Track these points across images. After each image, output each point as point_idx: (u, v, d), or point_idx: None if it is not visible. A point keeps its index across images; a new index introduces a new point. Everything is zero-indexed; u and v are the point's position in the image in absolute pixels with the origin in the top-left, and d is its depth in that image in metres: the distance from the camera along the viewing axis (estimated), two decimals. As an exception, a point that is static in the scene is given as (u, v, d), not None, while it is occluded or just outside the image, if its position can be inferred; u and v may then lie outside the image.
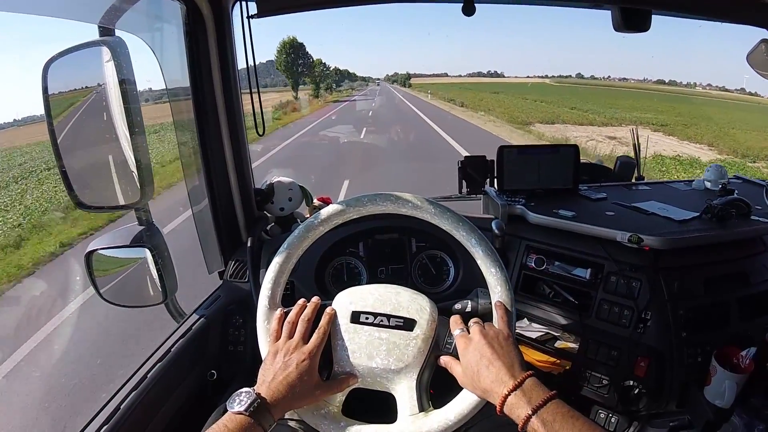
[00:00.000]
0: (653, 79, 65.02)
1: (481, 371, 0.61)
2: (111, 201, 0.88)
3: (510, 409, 0.57)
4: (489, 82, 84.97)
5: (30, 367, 2.81)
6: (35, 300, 3.99)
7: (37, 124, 15.31)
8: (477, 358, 0.62)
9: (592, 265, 0.97)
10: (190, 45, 0.98)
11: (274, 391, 0.63)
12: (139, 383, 0.85)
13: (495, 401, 0.58)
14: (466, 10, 0.96)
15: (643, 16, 1.02)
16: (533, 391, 0.57)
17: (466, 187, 1.21)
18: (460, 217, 0.70)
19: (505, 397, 0.57)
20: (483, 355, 0.62)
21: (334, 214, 0.73)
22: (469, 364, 0.62)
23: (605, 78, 78.91)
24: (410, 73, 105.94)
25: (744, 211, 1.00)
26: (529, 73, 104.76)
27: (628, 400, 0.92)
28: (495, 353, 0.61)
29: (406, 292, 0.71)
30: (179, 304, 1.04)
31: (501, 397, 0.57)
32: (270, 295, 0.72)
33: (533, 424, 0.54)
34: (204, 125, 1.03)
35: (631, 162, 1.36)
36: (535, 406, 0.55)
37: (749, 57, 1.12)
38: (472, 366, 0.62)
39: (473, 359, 0.62)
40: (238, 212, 1.14)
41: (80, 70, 0.85)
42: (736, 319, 0.94)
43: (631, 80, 68.61)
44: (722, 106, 26.85)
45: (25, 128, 17.11)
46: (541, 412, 0.54)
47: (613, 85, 59.57)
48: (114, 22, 0.87)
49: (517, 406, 0.56)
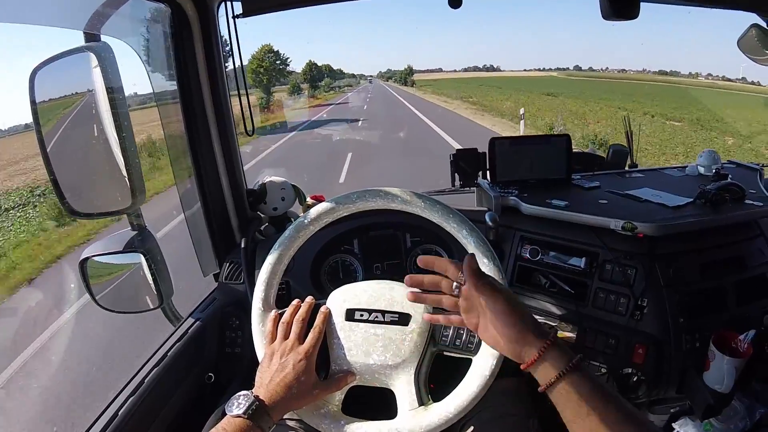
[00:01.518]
0: (653, 70, 61.21)
1: (517, 323, 0.57)
2: (103, 207, 0.88)
3: (537, 369, 0.55)
4: (487, 76, 75.98)
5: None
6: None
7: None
8: (500, 311, 0.58)
9: (587, 254, 0.97)
10: (176, 47, 0.98)
11: (272, 392, 0.63)
12: (137, 388, 0.85)
13: (523, 358, 0.56)
14: (452, 2, 0.95)
15: (632, 3, 1.02)
16: (561, 353, 0.55)
17: (458, 180, 1.20)
18: (450, 209, 0.70)
19: (537, 357, 0.55)
20: (515, 308, 0.58)
21: (324, 212, 0.73)
22: (493, 319, 0.58)
23: (604, 70, 74.78)
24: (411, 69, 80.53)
25: (738, 195, 0.99)
26: (526, 66, 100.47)
27: (627, 387, 0.92)
28: (523, 309, 0.59)
29: (399, 286, 0.71)
30: (175, 307, 1.04)
31: (533, 356, 0.55)
32: (263, 297, 0.72)
33: (560, 387, 0.53)
34: (193, 127, 1.03)
35: (623, 150, 1.36)
36: (561, 371, 0.53)
37: (740, 42, 1.12)
38: (494, 321, 0.58)
39: (496, 312, 0.58)
40: (231, 214, 1.14)
41: (67, 77, 0.85)
42: (734, 303, 0.94)
43: (630, 71, 63.11)
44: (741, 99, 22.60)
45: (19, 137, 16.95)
46: (569, 374, 0.53)
47: (629, 77, 52.14)
48: (99, 27, 0.87)
49: (543, 369, 0.55)
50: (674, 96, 24.03)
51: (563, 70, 72.56)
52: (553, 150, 1.15)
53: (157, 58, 0.99)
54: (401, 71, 79.14)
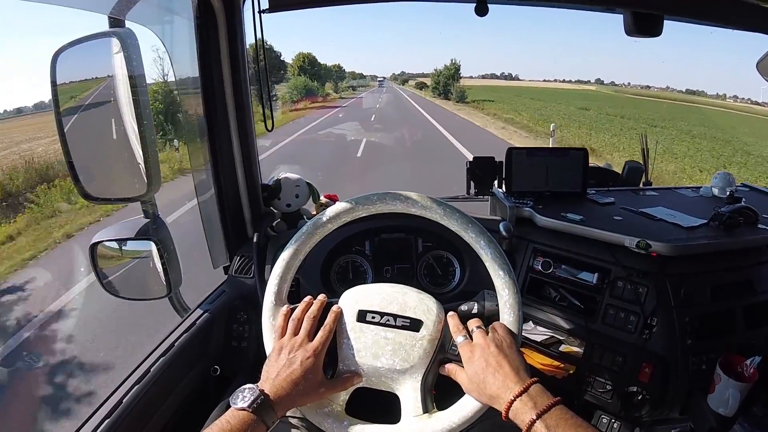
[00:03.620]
0: (678, 89, 58.19)
1: (488, 379, 0.61)
2: (117, 193, 0.88)
3: (515, 414, 0.57)
4: (507, 85, 62.55)
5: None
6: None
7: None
8: (483, 366, 0.62)
9: (599, 270, 0.97)
10: (201, 38, 0.97)
11: (278, 387, 0.62)
12: (142, 377, 0.84)
13: (501, 407, 0.59)
14: (479, 9, 0.95)
15: (655, 20, 1.01)
16: (538, 397, 0.57)
17: (473, 188, 1.20)
18: (470, 218, 0.70)
19: (510, 403, 0.57)
20: (489, 363, 0.62)
21: (343, 211, 0.73)
22: (476, 372, 0.62)
23: (626, 85, 70.87)
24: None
25: (751, 219, 0.99)
26: (547, 77, 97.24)
27: (631, 406, 0.92)
28: (500, 360, 0.61)
29: (413, 292, 0.71)
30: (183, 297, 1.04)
31: (507, 403, 0.58)
32: (276, 291, 0.72)
33: (537, 428, 0.55)
34: (213, 118, 1.02)
35: (639, 167, 1.36)
36: (539, 411, 0.55)
37: (759, 64, 1.11)
38: (478, 374, 0.62)
39: (479, 367, 0.62)
40: (245, 207, 1.14)
41: (89, 62, 0.84)
42: (742, 327, 0.94)
43: (654, 88, 61.16)
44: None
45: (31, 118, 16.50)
46: (545, 417, 0.55)
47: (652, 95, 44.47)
48: (124, 13, 0.87)
49: (522, 411, 0.56)
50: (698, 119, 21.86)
51: (584, 83, 70.08)
52: (570, 163, 1.15)
53: (180, 47, 0.98)
54: (440, 72, 43.00)
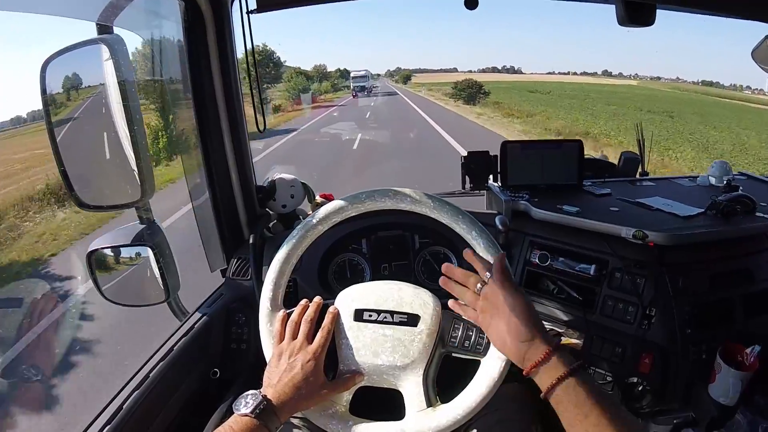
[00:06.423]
0: (690, 80, 52.30)
1: (529, 324, 0.60)
2: (112, 200, 0.88)
3: (538, 374, 0.57)
4: (510, 80, 57.44)
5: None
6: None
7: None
8: (527, 310, 0.61)
9: (596, 261, 0.97)
10: (190, 41, 0.97)
11: (280, 392, 0.63)
12: (142, 382, 0.85)
13: (527, 360, 0.59)
14: (469, 3, 0.94)
15: (648, 10, 1.01)
16: (563, 359, 0.57)
17: (469, 183, 1.20)
18: (460, 210, 0.70)
19: (541, 359, 0.57)
20: (531, 312, 0.62)
21: (333, 212, 0.73)
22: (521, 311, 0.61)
23: (633, 76, 67.24)
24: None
25: (749, 207, 0.98)
26: (551, 69, 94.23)
27: (631, 397, 0.92)
28: (537, 315, 0.62)
29: (408, 287, 0.71)
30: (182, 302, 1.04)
31: (537, 358, 0.57)
32: (271, 297, 0.72)
33: (559, 390, 0.55)
34: (204, 122, 1.02)
35: (635, 157, 1.35)
36: (562, 374, 0.55)
37: (754, 52, 1.10)
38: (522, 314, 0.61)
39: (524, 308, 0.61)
40: (240, 210, 1.14)
41: (79, 69, 0.85)
42: (741, 316, 0.93)
43: (665, 79, 56.36)
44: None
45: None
46: (569, 380, 0.55)
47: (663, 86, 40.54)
48: (112, 19, 0.87)
49: (545, 372, 0.57)
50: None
51: (591, 74, 67.22)
52: (565, 155, 1.14)
53: (169, 51, 0.98)
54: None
